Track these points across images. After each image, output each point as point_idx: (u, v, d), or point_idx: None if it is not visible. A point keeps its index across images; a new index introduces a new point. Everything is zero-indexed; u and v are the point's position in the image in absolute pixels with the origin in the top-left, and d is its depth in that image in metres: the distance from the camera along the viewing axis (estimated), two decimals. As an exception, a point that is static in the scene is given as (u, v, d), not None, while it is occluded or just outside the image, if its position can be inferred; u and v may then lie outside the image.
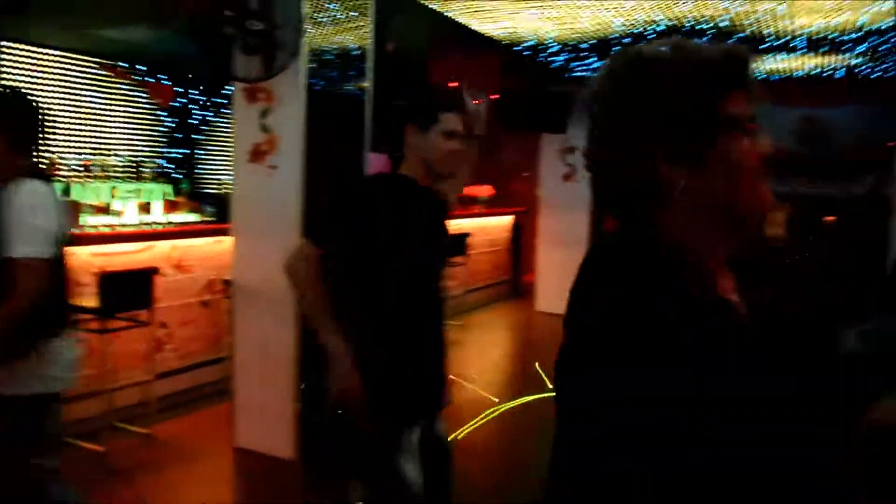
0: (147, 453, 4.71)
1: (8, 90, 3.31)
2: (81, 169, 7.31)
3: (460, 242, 8.55)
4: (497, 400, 5.82)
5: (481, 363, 7.28)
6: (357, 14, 4.77)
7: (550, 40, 6.82)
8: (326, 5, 4.59)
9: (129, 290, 4.64)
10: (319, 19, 4.49)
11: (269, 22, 4.04)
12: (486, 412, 5.63)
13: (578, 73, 8.58)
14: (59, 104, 7.64)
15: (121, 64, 8.04)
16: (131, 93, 8.39)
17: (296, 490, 4.38)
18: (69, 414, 4.72)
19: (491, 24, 6.21)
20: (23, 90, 3.11)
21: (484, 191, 10.55)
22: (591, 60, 7.84)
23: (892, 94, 8.58)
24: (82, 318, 4.56)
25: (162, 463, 4.57)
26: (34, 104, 2.90)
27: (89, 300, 4.55)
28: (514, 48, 7.23)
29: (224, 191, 8.13)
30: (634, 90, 1.10)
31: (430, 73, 5.85)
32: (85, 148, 7.81)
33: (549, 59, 7.72)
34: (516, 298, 10.84)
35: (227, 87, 8.31)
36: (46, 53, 7.44)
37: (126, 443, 4.82)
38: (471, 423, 5.33)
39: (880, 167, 8.20)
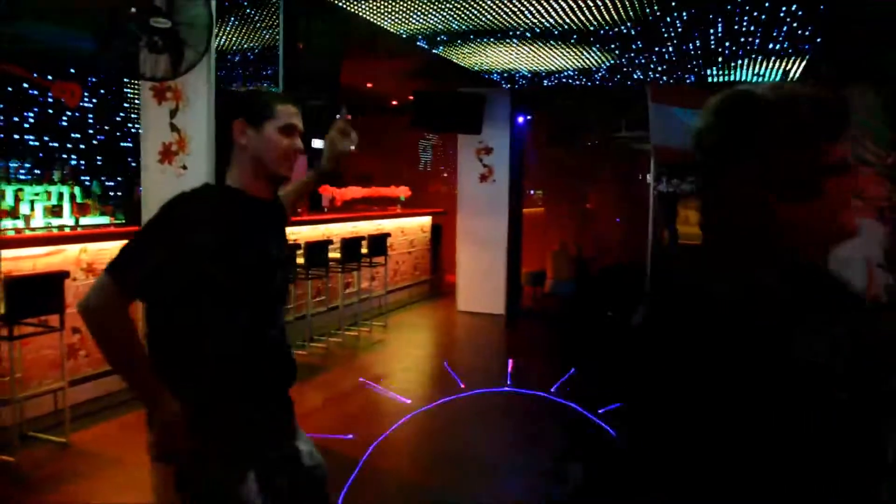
0: (62, 463, 4.55)
1: None
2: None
3: (381, 243, 8.58)
4: (409, 402, 5.86)
5: (401, 363, 7.32)
6: (267, 13, 4.76)
7: (460, 40, 6.89)
8: (237, 3, 4.57)
9: (37, 295, 4.50)
10: (230, 17, 4.47)
11: (175, 19, 3.99)
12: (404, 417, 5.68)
13: (494, 76, 8.71)
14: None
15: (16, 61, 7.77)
16: (36, 92, 8.12)
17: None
18: (-24, 424, 4.58)
19: (404, 25, 6.25)
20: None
21: (402, 192, 10.60)
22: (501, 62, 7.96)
23: None
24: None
25: (79, 472, 4.42)
26: None
27: (-5, 306, 4.41)
28: (432, 50, 7.28)
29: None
30: (747, 134, 1.21)
31: (343, 74, 5.84)
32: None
33: (464, 60, 7.81)
34: (438, 298, 10.92)
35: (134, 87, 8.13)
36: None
37: (40, 453, 4.66)
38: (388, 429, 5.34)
39: None
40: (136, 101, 8.65)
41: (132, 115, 8.94)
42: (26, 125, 8.06)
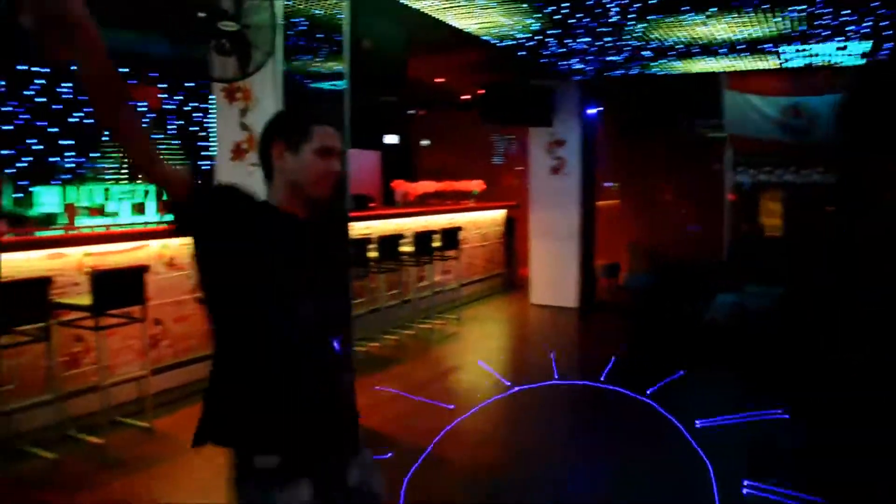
0: (146, 446, 4.83)
1: None
2: (75, 172, 7.46)
3: (453, 236, 8.67)
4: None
5: (473, 356, 7.38)
6: (333, 13, 4.88)
7: (529, 35, 6.89)
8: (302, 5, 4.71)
9: (119, 288, 4.76)
10: (295, 19, 4.61)
11: (242, 23, 4.14)
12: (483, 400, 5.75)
13: (562, 68, 8.67)
14: (48, 110, 7.80)
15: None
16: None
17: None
18: (70, 409, 4.88)
19: (467, 19, 6.30)
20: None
21: (475, 185, 10.66)
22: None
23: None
24: (76, 315, 4.72)
25: (161, 455, 4.68)
26: None
27: (83, 298, 4.68)
28: (499, 44, 7.31)
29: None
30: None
31: (411, 70, 5.93)
32: (78, 152, 7.98)
33: (535, 54, 7.80)
34: (512, 291, 10.94)
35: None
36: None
37: (126, 436, 4.96)
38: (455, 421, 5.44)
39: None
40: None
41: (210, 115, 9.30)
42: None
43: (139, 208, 6.78)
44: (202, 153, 9.44)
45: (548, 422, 5.42)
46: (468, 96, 10.75)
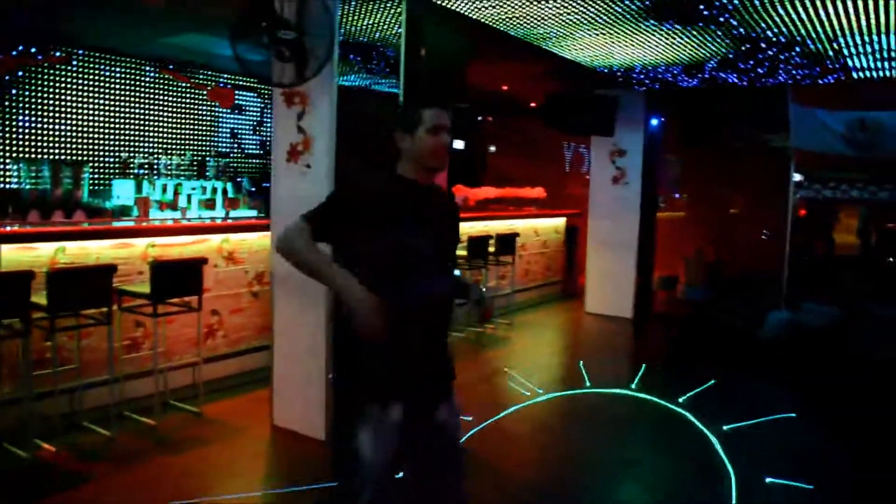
0: (195, 429, 5.07)
1: None
2: (148, 167, 7.81)
3: (509, 242, 8.74)
4: (541, 391, 6.00)
5: (519, 360, 7.44)
6: (391, 21, 5.04)
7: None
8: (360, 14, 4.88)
9: (178, 278, 5.01)
10: (354, 26, 4.77)
11: (300, 31, 4.33)
12: (521, 404, 5.82)
13: (622, 78, 8.65)
14: (126, 108, 8.18)
15: (180, 68, 8.56)
16: (194, 96, 8.89)
17: (323, 468, 4.66)
18: (126, 390, 5.17)
19: (522, 29, 6.38)
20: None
21: (536, 192, 10.70)
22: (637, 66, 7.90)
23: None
24: (138, 302, 5.00)
25: (208, 438, 4.92)
26: None
27: (145, 286, 4.96)
28: (560, 54, 7.36)
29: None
30: None
31: (474, 77, 6.05)
32: (152, 148, 8.36)
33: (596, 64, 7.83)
34: (568, 299, 10.93)
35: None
36: (115, 60, 7.98)
37: (177, 419, 5.22)
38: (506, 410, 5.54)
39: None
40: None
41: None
42: (186, 125, 8.86)
43: (208, 204, 7.07)
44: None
45: (580, 428, 5.46)
46: (534, 104, 10.80)
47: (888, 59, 7.07)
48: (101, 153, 7.97)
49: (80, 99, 7.70)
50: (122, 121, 8.13)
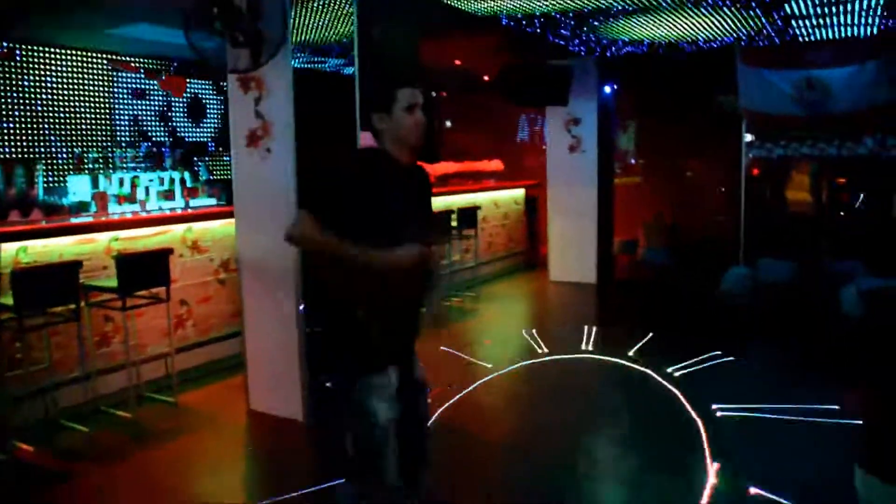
0: (172, 420, 5.10)
1: None
2: (104, 161, 7.70)
3: (471, 216, 8.83)
4: (490, 366, 6.13)
5: (487, 332, 7.56)
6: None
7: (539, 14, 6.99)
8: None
9: (145, 270, 5.02)
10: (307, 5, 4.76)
11: (254, 16, 4.33)
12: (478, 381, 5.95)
13: (576, 47, 8.74)
14: (79, 102, 8.05)
15: (131, 59, 8.43)
16: (146, 86, 8.78)
17: (304, 448, 4.74)
18: (100, 386, 5.17)
19: (476, 3, 6.43)
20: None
21: (494, 165, 10.79)
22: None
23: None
24: (106, 297, 4.99)
25: (186, 427, 4.96)
26: None
27: (111, 281, 4.95)
28: (512, 24, 7.41)
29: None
30: None
31: (427, 53, 6.07)
32: (105, 141, 8.24)
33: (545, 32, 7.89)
34: (532, 270, 11.09)
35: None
36: (62, 53, 7.82)
37: (153, 411, 5.24)
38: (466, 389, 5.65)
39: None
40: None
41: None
42: (141, 116, 8.75)
43: (166, 195, 7.02)
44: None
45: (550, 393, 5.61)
46: (487, 77, 10.85)
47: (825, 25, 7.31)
48: (53, 150, 7.83)
49: (26, 95, 7.55)
50: (74, 115, 7.99)
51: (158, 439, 4.78)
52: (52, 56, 7.74)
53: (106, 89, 8.26)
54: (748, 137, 9.26)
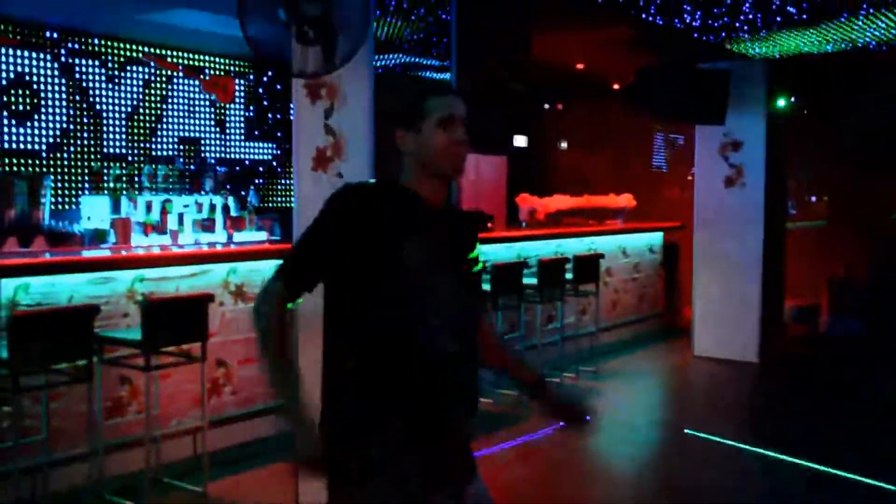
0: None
1: None
2: (128, 180, 7.95)
3: (591, 267, 8.79)
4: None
5: (609, 421, 7.47)
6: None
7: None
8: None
9: (177, 321, 5.16)
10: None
11: (328, 6, 4.47)
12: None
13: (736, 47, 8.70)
14: (96, 105, 8.43)
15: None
16: (186, 86, 9.13)
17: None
18: (108, 466, 5.30)
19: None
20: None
21: (623, 201, 10.76)
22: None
23: None
24: (125, 351, 5.16)
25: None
26: None
27: (133, 333, 5.12)
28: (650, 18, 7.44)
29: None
30: None
31: (539, 52, 6.16)
32: (132, 152, 8.54)
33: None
34: (671, 338, 10.94)
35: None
36: (81, 40, 8.20)
37: (174, 501, 5.34)
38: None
39: None
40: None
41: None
42: (177, 125, 9.08)
43: (205, 225, 7.26)
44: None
45: None
46: (618, 85, 10.91)
47: None
48: (65, 162, 8.12)
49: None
50: (93, 119, 8.31)
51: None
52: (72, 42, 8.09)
53: (135, 88, 8.62)
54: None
